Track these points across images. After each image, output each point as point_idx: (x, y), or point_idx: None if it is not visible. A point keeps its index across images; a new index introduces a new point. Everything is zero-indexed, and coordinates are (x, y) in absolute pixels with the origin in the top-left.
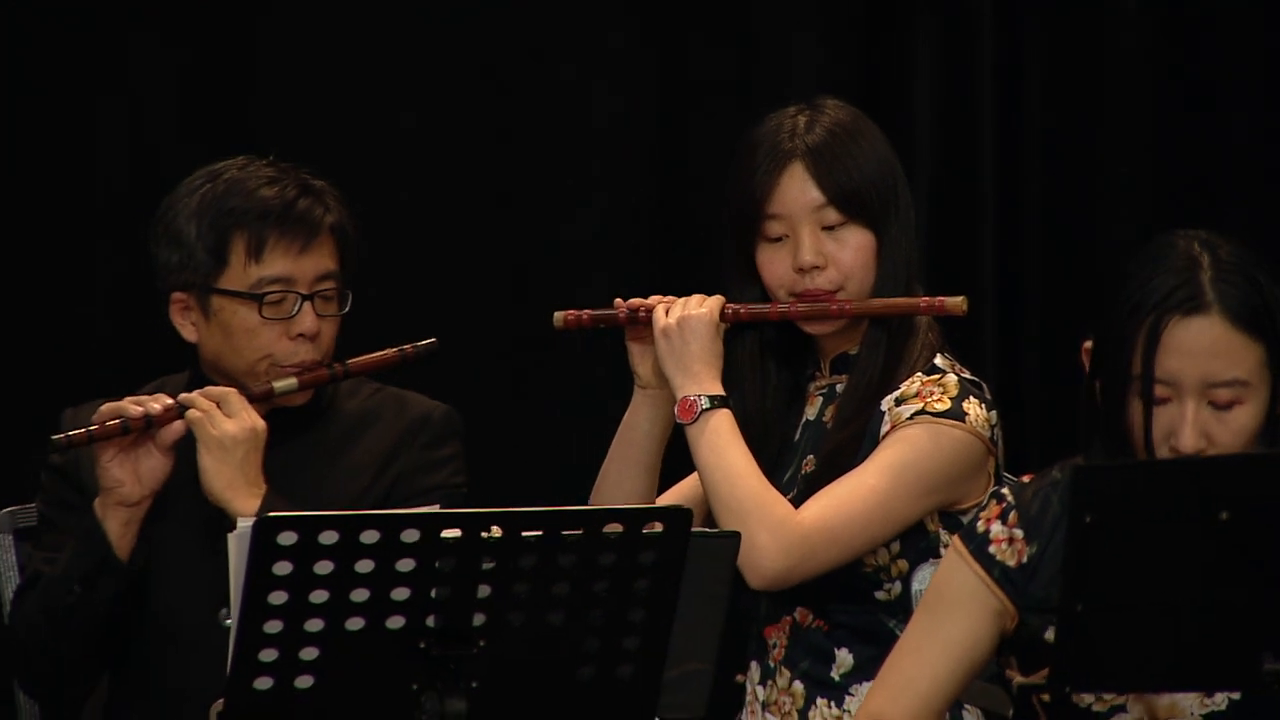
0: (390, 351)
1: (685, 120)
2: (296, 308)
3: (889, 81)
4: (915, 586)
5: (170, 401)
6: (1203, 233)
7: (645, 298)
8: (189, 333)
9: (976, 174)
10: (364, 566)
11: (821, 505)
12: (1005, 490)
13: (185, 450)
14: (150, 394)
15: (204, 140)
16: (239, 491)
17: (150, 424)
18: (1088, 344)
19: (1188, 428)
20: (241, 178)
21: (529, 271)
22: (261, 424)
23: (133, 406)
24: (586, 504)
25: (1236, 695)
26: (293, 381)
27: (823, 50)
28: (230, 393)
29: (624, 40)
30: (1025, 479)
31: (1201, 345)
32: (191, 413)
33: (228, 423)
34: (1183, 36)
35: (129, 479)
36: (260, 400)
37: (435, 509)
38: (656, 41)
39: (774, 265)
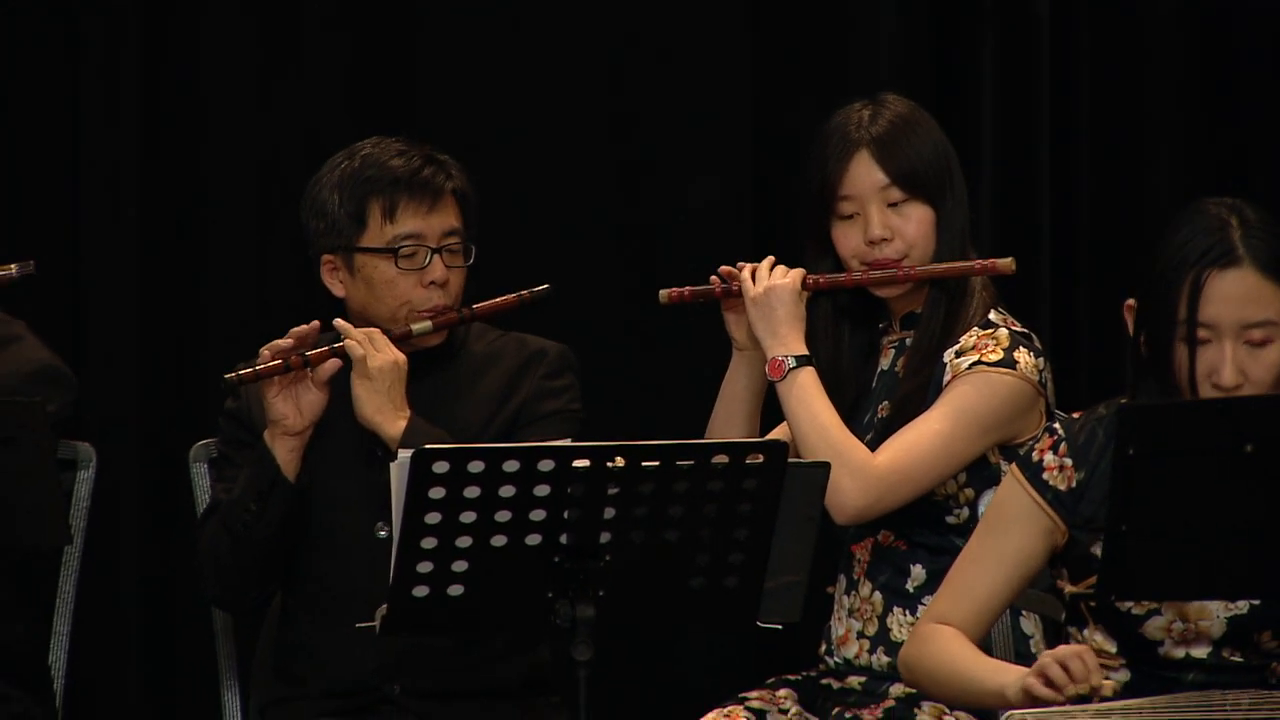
0: (510, 296)
1: (780, 112)
2: (427, 260)
3: (960, 73)
4: (981, 510)
5: (314, 325)
6: (1228, 199)
7: (734, 265)
8: (338, 289)
9: (1035, 150)
10: (506, 491)
11: (894, 450)
12: (1057, 425)
13: (340, 386)
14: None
15: (368, 126)
16: (387, 415)
17: (307, 363)
18: (1130, 302)
19: (1227, 365)
20: (375, 153)
21: (641, 242)
22: (403, 357)
23: (285, 341)
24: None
25: (1256, 601)
26: (427, 324)
27: (903, 45)
28: (375, 331)
29: (730, 37)
30: (1075, 415)
31: (1237, 293)
32: (351, 345)
33: (376, 356)
34: (1214, 30)
35: (291, 412)
36: (401, 340)
37: (567, 442)
38: (757, 41)
39: (847, 239)
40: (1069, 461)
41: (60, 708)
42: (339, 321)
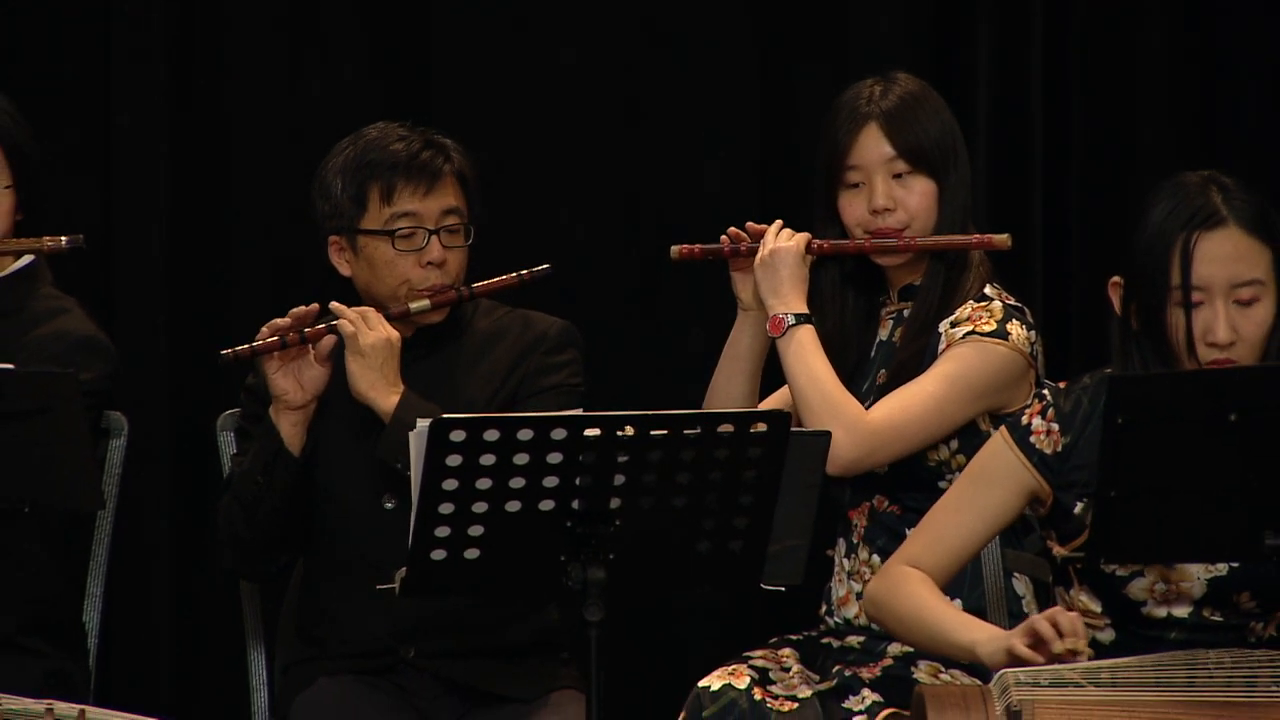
0: (510, 276)
1: (785, 97)
2: (425, 240)
3: (957, 58)
4: None
5: (314, 307)
6: (1204, 171)
7: (741, 228)
8: (344, 269)
9: (1028, 132)
10: (520, 459)
11: (888, 407)
12: (1046, 391)
13: (344, 363)
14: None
15: (389, 108)
16: (380, 391)
17: (304, 339)
18: (1115, 279)
19: (1221, 323)
20: (378, 137)
21: (654, 213)
22: (396, 335)
23: (284, 320)
24: (699, 409)
25: (1235, 563)
26: (425, 302)
27: (901, 37)
28: (369, 310)
29: (736, 24)
30: (1061, 385)
31: (1225, 252)
32: (342, 324)
33: (368, 334)
34: (1201, 19)
35: (292, 387)
36: (400, 319)
37: (578, 412)
38: (762, 28)
39: (852, 208)
40: (1055, 426)
41: (93, 666)
42: (334, 304)
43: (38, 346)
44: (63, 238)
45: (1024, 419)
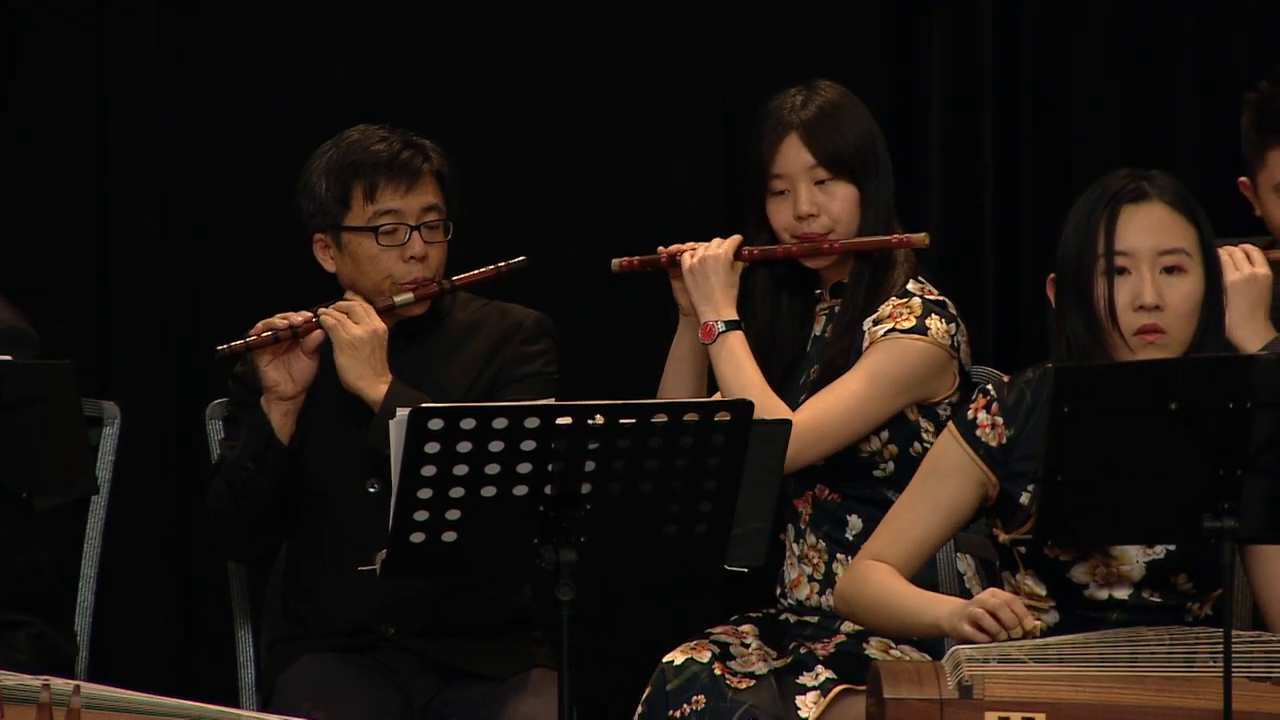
0: (489, 268)
1: (747, 99)
2: (407, 236)
3: (910, 67)
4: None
5: (309, 314)
6: (1135, 170)
7: (684, 242)
8: (329, 265)
9: (979, 135)
10: (496, 446)
11: (813, 409)
12: (990, 386)
13: (332, 355)
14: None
15: (371, 109)
16: (368, 381)
17: (295, 335)
18: (1052, 276)
19: (1147, 286)
20: (359, 139)
21: (625, 208)
22: (382, 326)
23: (279, 320)
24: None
25: (1173, 546)
26: (409, 296)
27: (861, 42)
28: (356, 304)
29: (702, 31)
30: (1005, 379)
31: (1150, 221)
32: (326, 319)
33: (355, 328)
34: (1142, 26)
35: (283, 379)
36: (385, 312)
37: (551, 401)
38: (726, 34)
39: (779, 214)
40: (1000, 420)
41: (87, 644)
42: (321, 309)
43: None
44: None
45: (970, 413)
